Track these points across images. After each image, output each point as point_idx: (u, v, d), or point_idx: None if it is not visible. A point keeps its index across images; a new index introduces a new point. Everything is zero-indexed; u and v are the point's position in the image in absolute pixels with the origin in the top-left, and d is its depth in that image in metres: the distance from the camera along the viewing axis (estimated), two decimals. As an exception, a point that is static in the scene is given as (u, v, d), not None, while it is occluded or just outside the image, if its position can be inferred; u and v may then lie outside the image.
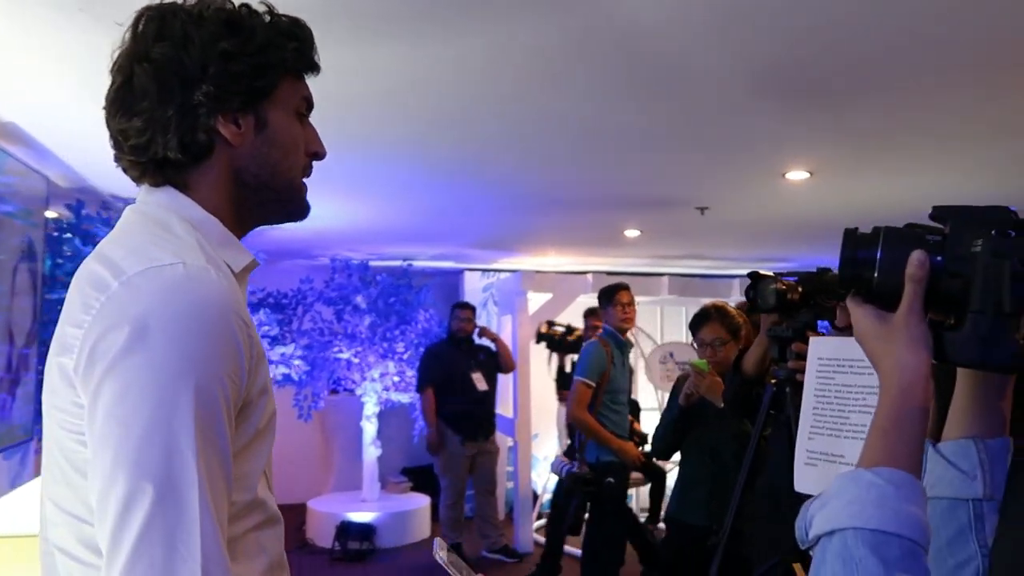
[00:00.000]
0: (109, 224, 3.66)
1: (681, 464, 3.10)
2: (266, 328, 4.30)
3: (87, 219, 3.62)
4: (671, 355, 6.53)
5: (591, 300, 6.52)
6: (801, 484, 1.56)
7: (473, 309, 5.44)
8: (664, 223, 4.95)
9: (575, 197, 4.24)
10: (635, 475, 6.09)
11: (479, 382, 5.21)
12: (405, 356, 5.82)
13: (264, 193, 0.99)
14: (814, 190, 3.85)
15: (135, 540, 0.79)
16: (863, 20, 1.98)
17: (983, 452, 0.76)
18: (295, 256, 6.72)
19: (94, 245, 3.59)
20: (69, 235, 3.61)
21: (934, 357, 0.71)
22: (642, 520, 6.30)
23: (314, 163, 1.07)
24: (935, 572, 0.73)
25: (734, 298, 5.92)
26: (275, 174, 0.99)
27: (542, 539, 5.20)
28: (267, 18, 0.98)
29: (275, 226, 1.10)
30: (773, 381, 2.00)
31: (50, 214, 3.38)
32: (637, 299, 6.95)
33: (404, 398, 5.85)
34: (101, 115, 0.97)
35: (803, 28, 2.03)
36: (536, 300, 6.16)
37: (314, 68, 1.03)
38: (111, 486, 0.80)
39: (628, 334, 4.35)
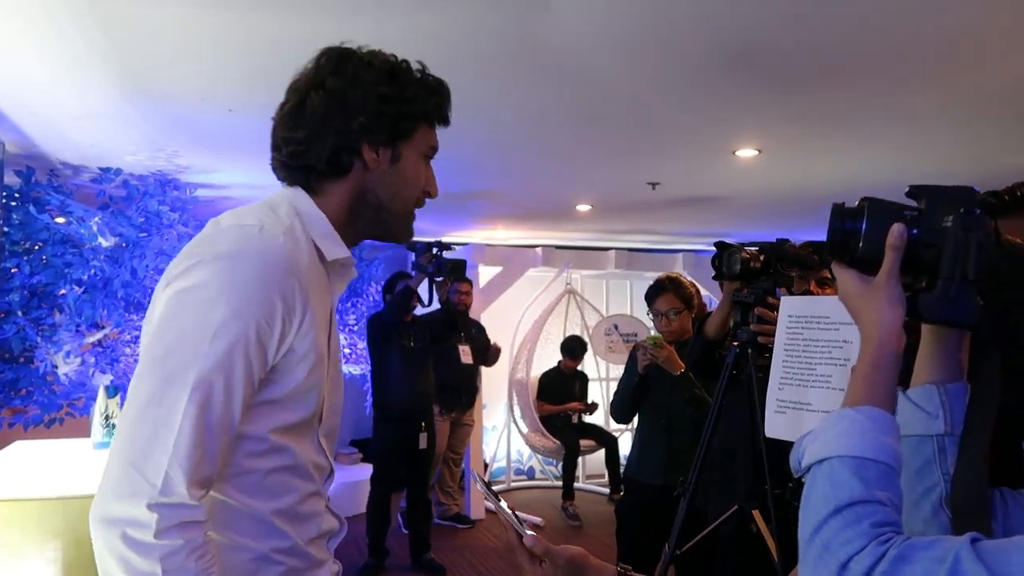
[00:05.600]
0: (60, 191, 3.58)
1: (638, 428, 3.25)
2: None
3: (37, 186, 3.53)
4: (615, 327, 6.72)
5: (540, 274, 6.66)
6: (772, 430, 1.70)
7: (471, 283, 5.44)
8: (616, 198, 5.08)
9: (533, 174, 4.33)
10: (587, 442, 6.29)
11: (465, 355, 5.24)
12: (355, 328, 5.84)
13: (381, 213, 1.20)
14: (763, 167, 4.02)
15: (134, 416, 0.99)
16: (815, 5, 2.10)
17: (944, 395, 0.88)
18: (241, 228, 6.62)
19: (47, 213, 3.51)
20: (16, 203, 3.52)
21: (908, 315, 0.82)
22: (604, 489, 6.48)
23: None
24: (907, 497, 0.85)
25: (676, 271, 6.12)
26: (393, 199, 1.19)
27: (491, 505, 5.33)
28: (418, 75, 1.19)
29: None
30: (736, 343, 2.14)
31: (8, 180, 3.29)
32: (584, 272, 7.16)
33: (355, 370, 5.87)
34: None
35: (757, 10, 2.12)
36: (486, 273, 6.25)
37: (446, 122, 1.24)
38: (139, 370, 1.02)
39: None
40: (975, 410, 0.84)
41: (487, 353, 5.45)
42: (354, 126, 1.12)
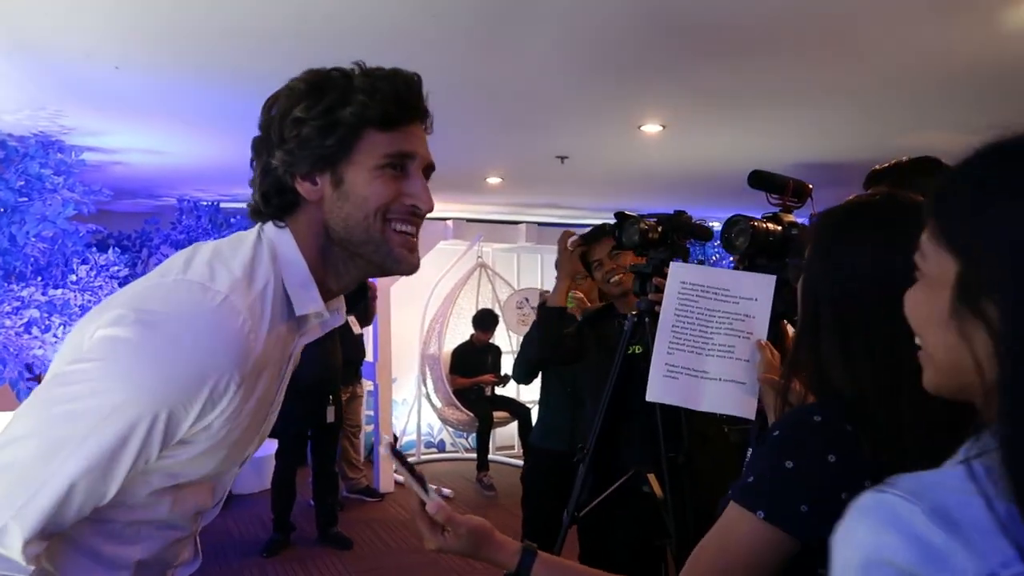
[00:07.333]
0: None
1: (543, 397, 3.29)
2: (115, 268, 4.08)
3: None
4: (527, 300, 6.77)
5: (451, 247, 6.62)
6: (658, 395, 1.67)
7: None
8: (526, 171, 5.09)
9: (442, 145, 4.27)
10: (500, 414, 6.34)
11: (354, 325, 5.18)
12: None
13: (347, 247, 1.04)
14: (667, 143, 4.10)
15: (4, 454, 0.87)
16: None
17: None
18: (136, 195, 6.32)
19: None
20: None
21: None
22: (513, 461, 6.55)
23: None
24: None
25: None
26: (349, 228, 1.02)
27: (401, 479, 5.32)
28: (351, 78, 1.00)
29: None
30: (634, 312, 2.18)
31: None
32: (495, 246, 7.17)
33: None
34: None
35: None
36: (396, 245, 6.15)
37: (395, 121, 1.01)
38: (33, 403, 0.90)
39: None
40: None
41: (368, 312, 5.37)
42: (275, 162, 1.00)
